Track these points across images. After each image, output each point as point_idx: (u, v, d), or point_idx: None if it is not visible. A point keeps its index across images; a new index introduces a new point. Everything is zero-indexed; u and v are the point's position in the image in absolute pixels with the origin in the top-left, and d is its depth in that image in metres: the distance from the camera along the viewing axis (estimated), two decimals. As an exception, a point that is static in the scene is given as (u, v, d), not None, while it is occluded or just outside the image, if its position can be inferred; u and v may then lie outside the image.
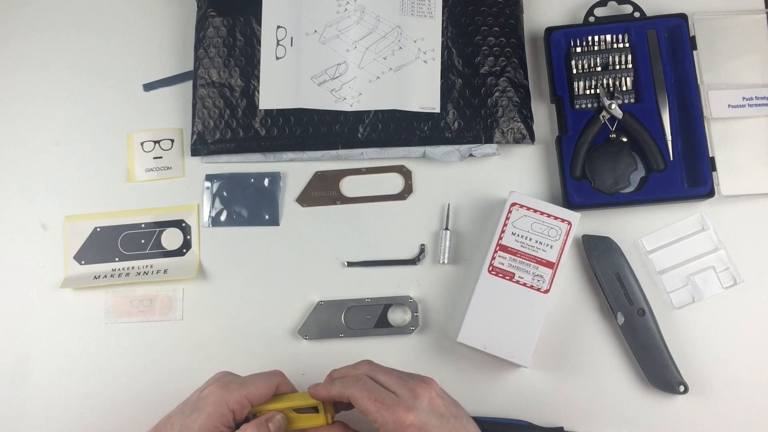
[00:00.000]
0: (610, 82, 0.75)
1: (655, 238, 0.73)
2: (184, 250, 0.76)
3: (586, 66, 0.75)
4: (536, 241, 0.69)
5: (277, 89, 0.77)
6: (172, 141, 0.79)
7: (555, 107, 0.76)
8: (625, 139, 0.74)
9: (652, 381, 0.69)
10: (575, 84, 0.75)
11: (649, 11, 0.76)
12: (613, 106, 0.73)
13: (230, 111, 0.77)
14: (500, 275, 0.68)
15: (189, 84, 0.79)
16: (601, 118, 0.74)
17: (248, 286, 0.75)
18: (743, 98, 0.74)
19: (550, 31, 0.76)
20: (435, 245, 0.75)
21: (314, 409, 0.60)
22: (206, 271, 0.76)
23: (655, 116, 0.74)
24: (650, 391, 0.70)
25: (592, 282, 0.73)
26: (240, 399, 0.57)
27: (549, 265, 0.68)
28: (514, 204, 0.70)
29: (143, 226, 0.77)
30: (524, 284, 0.68)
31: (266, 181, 0.77)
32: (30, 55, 0.82)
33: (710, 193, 0.72)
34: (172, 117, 0.80)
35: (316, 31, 0.78)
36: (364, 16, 0.78)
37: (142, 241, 0.77)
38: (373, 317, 0.73)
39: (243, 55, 0.78)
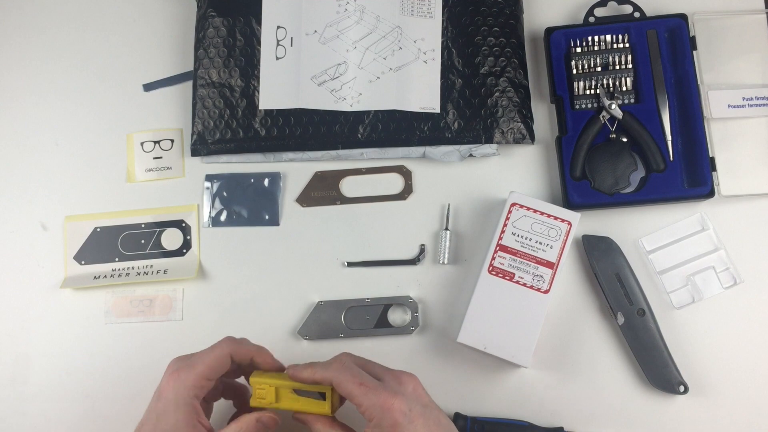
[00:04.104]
0: (610, 82, 0.75)
1: (655, 238, 0.73)
2: (184, 250, 0.76)
3: (586, 66, 0.75)
4: (536, 241, 0.69)
5: (277, 89, 0.77)
6: (172, 141, 0.79)
7: (555, 107, 0.76)
8: (625, 139, 0.74)
9: (652, 381, 0.69)
10: (575, 84, 0.75)
11: (649, 11, 0.76)
12: (613, 106, 0.73)
13: (230, 111, 0.77)
14: (500, 275, 0.68)
15: (189, 84, 0.79)
16: (601, 118, 0.74)
17: (248, 287, 0.75)
18: (743, 98, 0.74)
19: (550, 31, 0.76)
20: (435, 245, 0.75)
21: (320, 395, 0.58)
22: (206, 271, 0.76)
23: (655, 116, 0.74)
24: (650, 391, 0.70)
25: (592, 282, 0.73)
26: (195, 382, 0.57)
27: (549, 265, 0.68)
28: (514, 204, 0.70)
29: (143, 226, 0.77)
30: (524, 284, 0.68)
31: (266, 182, 0.77)
32: (30, 55, 0.82)
33: (710, 193, 0.72)
34: (172, 117, 0.80)
35: (316, 31, 0.78)
36: (364, 16, 0.78)
37: (142, 241, 0.77)
38: (373, 317, 0.73)
39: (243, 55, 0.78)
